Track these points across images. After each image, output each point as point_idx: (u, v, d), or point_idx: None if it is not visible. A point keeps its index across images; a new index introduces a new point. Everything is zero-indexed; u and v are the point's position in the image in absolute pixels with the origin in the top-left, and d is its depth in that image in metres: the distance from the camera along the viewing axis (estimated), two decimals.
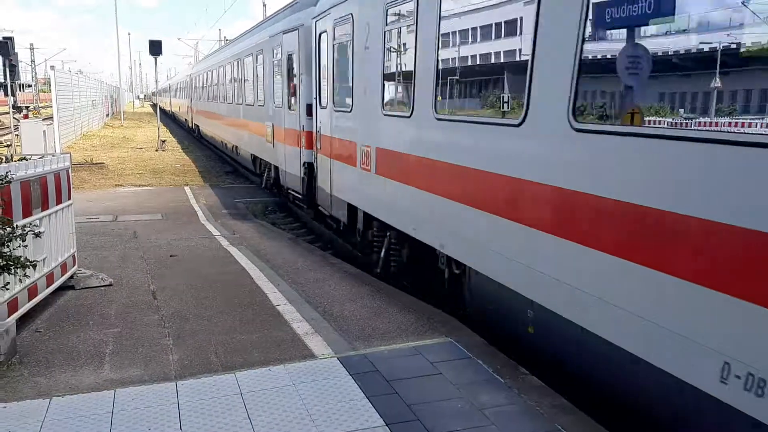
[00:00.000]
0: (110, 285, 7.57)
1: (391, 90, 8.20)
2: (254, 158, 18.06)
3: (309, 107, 11.55)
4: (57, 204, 6.95)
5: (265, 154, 15.74)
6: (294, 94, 12.40)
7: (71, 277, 7.42)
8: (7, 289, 5.46)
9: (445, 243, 6.68)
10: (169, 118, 56.55)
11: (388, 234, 8.46)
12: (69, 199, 7.36)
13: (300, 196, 12.44)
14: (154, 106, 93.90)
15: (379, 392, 4.87)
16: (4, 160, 6.12)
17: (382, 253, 8.60)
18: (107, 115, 57.20)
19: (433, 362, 5.44)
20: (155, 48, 28.82)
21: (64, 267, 7.16)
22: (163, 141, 29.87)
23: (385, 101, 8.04)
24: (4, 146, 28.10)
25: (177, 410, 4.55)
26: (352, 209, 9.51)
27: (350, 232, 10.19)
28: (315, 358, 5.53)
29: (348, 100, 9.35)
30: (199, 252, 9.49)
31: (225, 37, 53.32)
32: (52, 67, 27.15)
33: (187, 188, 17.25)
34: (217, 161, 25.25)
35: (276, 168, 14.57)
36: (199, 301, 7.07)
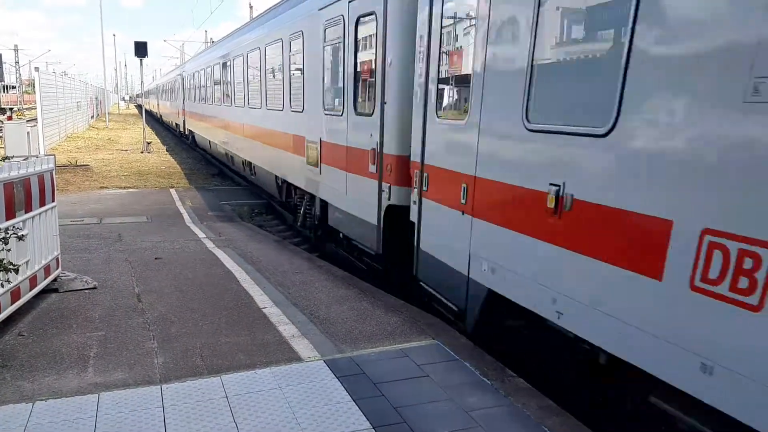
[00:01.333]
0: (94, 288, 7.50)
1: (195, 95, 27.72)
2: (175, 124, 39.03)
3: (184, 101, 32.00)
4: (41, 206, 6.88)
5: (177, 120, 36.84)
6: (182, 98, 32.48)
7: (55, 280, 7.34)
8: None
9: (215, 142, 22.40)
10: (154, 120, 56.52)
11: (193, 134, 29.80)
12: (53, 201, 7.29)
13: (180, 133, 35.16)
14: (138, 107, 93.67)
15: (365, 395, 4.85)
16: None
17: (191, 140, 31.37)
18: (92, 117, 56.77)
19: (420, 364, 5.43)
20: (140, 50, 28.63)
21: (47, 270, 7.09)
22: (149, 143, 29.71)
23: (197, 97, 26.89)
24: None
25: (162, 414, 4.52)
26: (190, 131, 30.85)
27: (193, 142, 30.63)
28: (301, 360, 5.51)
29: (185, 99, 31.48)
30: (185, 255, 9.44)
31: (211, 39, 54.58)
32: (37, 69, 26.93)
33: (172, 190, 17.16)
34: (203, 163, 25.14)
35: (179, 125, 36.34)
36: (185, 304, 7.02)
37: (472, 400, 4.81)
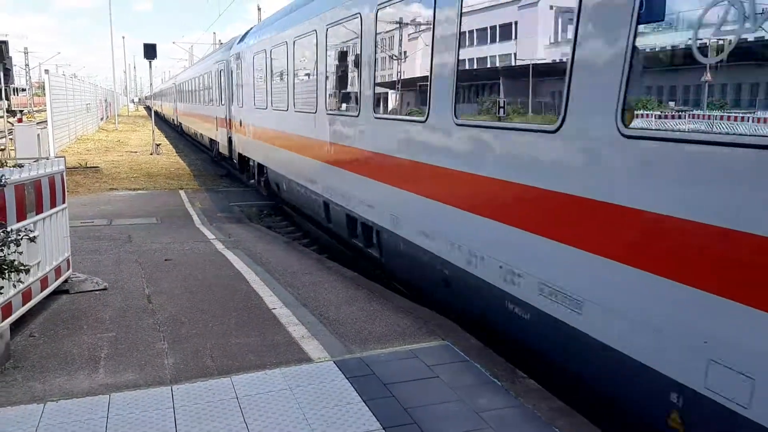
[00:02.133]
0: (105, 289, 7.53)
1: (180, 98, 43.08)
2: (172, 119, 51.18)
3: (176, 102, 47.63)
4: (51, 208, 6.91)
5: (173, 116, 50.65)
6: (176, 100, 46.74)
7: (66, 281, 7.37)
8: (1, 294, 5.42)
9: (190, 126, 36.37)
10: (161, 121, 58.16)
11: (182, 124, 42.89)
12: (63, 202, 7.33)
13: (175, 125, 49.70)
14: (147, 109, 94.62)
15: (375, 395, 4.85)
16: None
17: (180, 129, 44.94)
18: (101, 119, 57.05)
19: (430, 365, 5.42)
20: (150, 52, 28.76)
21: (58, 271, 7.12)
22: (158, 144, 29.82)
23: (181, 99, 41.97)
24: None
25: (173, 415, 4.53)
26: (179, 123, 44.27)
27: (182, 130, 43.69)
28: (311, 361, 5.51)
29: (177, 101, 46.74)
30: (195, 256, 9.46)
31: (219, 41, 56.86)
32: (47, 71, 27.08)
33: (182, 192, 17.22)
34: (212, 165, 25.21)
35: (174, 120, 50.99)
36: (195, 305, 7.04)
37: (483, 401, 4.80)
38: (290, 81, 12.25)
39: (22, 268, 5.37)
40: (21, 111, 57.28)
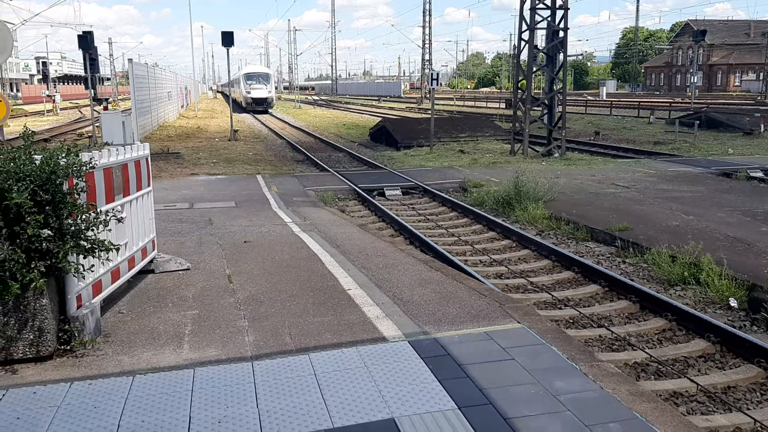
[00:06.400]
0: (188, 269, 7.80)
1: (241, 87, 64.62)
2: (238, 99, 63.32)
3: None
4: (137, 190, 7.17)
5: (239, 96, 65.12)
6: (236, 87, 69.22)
7: (151, 261, 7.66)
8: (92, 272, 5.69)
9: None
10: (238, 108, 61.07)
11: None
12: (149, 185, 7.59)
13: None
14: (224, 96, 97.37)
15: (450, 376, 4.87)
16: (88, 146, 6.31)
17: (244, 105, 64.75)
18: (182, 107, 58.86)
19: (506, 348, 5.40)
20: (227, 39, 29.40)
21: (144, 251, 7.40)
22: (236, 131, 30.52)
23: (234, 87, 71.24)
24: (86, 137, 29.27)
25: (253, 389, 4.67)
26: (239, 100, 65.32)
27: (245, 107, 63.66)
28: (386, 341, 5.57)
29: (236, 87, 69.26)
30: (272, 238, 9.67)
31: (294, 27, 64.60)
32: (130, 60, 28.06)
33: (259, 176, 17.58)
34: (289, 150, 25.64)
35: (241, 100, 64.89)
36: (273, 285, 7.21)
37: (560, 384, 4.75)
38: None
39: (111, 246, 5.62)
40: (106, 99, 59.79)
